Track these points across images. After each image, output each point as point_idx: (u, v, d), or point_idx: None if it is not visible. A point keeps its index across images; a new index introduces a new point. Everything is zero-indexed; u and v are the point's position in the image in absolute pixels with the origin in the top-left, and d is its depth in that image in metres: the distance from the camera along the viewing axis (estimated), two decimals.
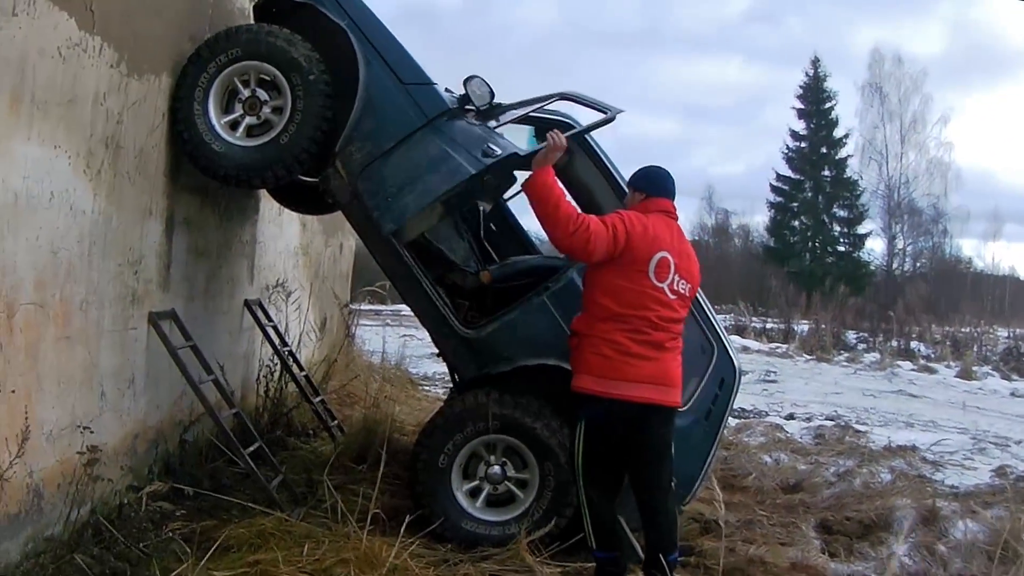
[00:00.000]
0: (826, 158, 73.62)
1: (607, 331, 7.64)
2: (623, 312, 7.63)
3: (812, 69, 74.24)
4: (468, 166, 8.12)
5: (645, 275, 7.65)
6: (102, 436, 7.31)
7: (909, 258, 78.19)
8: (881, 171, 74.76)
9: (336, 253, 16.95)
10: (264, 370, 11.71)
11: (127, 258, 7.64)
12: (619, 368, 7.60)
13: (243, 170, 8.34)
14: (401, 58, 8.75)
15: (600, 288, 7.73)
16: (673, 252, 7.80)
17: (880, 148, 74.57)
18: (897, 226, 75.54)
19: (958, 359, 36.30)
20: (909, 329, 44.03)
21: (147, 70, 7.80)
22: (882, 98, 74.64)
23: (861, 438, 16.42)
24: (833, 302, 49.62)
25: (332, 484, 8.60)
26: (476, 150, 8.18)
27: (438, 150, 8.28)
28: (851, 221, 73.88)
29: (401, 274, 9.08)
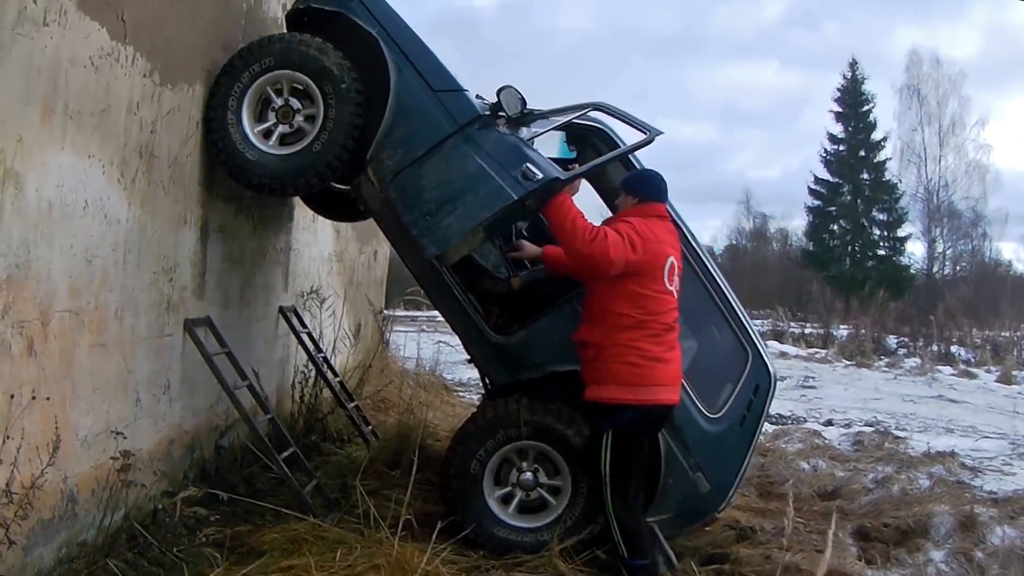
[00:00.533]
0: (864, 161, 73.24)
1: (632, 339, 7.81)
2: (644, 319, 7.84)
3: (850, 72, 74.05)
4: (510, 191, 8.04)
5: (660, 280, 7.91)
6: (137, 442, 7.36)
7: (949, 261, 77.82)
8: (920, 174, 74.38)
9: (370, 260, 17.00)
10: (299, 376, 11.75)
11: (162, 266, 7.69)
12: (647, 374, 7.78)
13: (276, 178, 8.38)
14: (432, 65, 8.75)
15: (620, 297, 7.88)
16: (675, 254, 8.11)
17: (918, 151, 74.20)
18: (937, 229, 75.15)
19: (998, 363, 36.07)
20: (949, 334, 43.70)
21: (180, 79, 7.86)
22: (920, 100, 74.34)
23: (900, 444, 16.30)
24: (873, 306, 49.08)
25: (365, 490, 8.63)
26: (515, 170, 8.10)
27: (475, 167, 8.23)
28: (890, 224, 73.48)
29: (432, 281, 9.15)
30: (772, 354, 9.74)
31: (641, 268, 7.81)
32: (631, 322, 7.83)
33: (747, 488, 9.99)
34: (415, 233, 8.22)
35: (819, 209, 74.25)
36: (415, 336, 22.04)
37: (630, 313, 7.84)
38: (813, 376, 29.07)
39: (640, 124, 9.10)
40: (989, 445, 17.57)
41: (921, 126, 74.18)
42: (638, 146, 8.97)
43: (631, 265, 7.77)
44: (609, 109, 9.29)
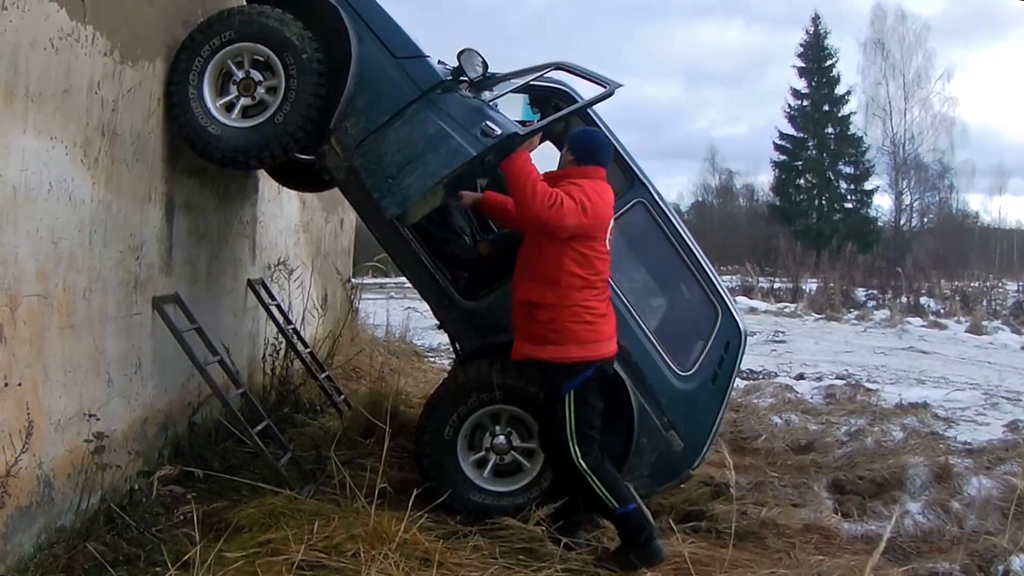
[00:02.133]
0: (829, 116, 73.73)
1: (585, 299, 7.91)
2: (593, 279, 7.92)
3: (812, 27, 74.46)
4: (469, 147, 8.01)
5: (603, 241, 7.99)
6: (111, 423, 7.36)
7: (916, 214, 78.38)
8: (885, 127, 75.06)
9: (337, 229, 16.96)
10: (269, 349, 11.76)
11: (128, 244, 7.65)
12: (599, 330, 7.93)
13: (240, 151, 8.34)
14: (392, 32, 8.69)
15: (571, 259, 7.88)
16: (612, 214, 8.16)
17: (884, 104, 74.88)
18: (903, 182, 75.67)
19: (968, 314, 36.25)
20: (918, 285, 43.89)
21: (141, 56, 7.80)
22: (885, 54, 74.97)
23: (872, 396, 16.40)
24: (841, 260, 49.26)
25: (340, 460, 8.65)
26: (475, 128, 8.08)
27: (436, 127, 8.20)
28: (857, 178, 73.94)
29: (399, 248, 9.14)
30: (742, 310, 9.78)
31: (589, 232, 7.86)
32: (583, 283, 7.88)
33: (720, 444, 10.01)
34: (376, 196, 8.20)
35: (785, 164, 74.65)
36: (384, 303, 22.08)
37: (581, 274, 7.87)
38: (783, 331, 29.31)
39: (600, 79, 9.08)
40: (962, 396, 17.70)
41: (886, 80, 74.91)
42: (597, 99, 8.93)
43: (581, 228, 7.80)
44: (570, 67, 9.27)
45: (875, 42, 75.19)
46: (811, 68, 73.91)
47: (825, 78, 73.85)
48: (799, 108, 74.39)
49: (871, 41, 75.35)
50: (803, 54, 74.42)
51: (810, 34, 74.31)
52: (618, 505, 7.81)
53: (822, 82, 73.84)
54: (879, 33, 75.14)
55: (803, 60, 74.34)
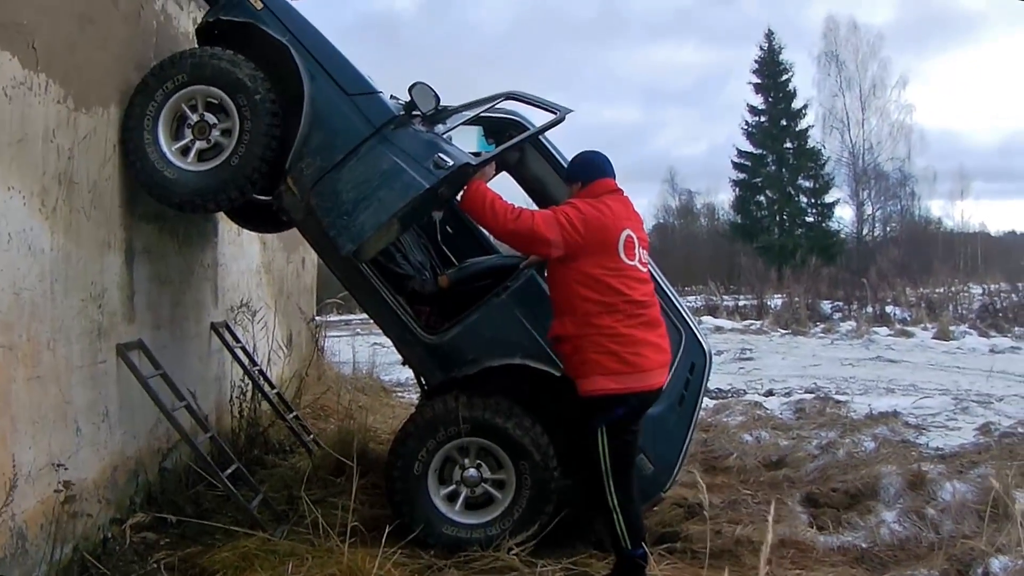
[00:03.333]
0: (787, 130, 73.78)
1: (606, 326, 7.66)
2: (612, 301, 7.66)
3: (767, 42, 74.63)
4: (422, 180, 8.04)
5: (616, 257, 7.70)
6: (81, 471, 7.31)
7: (879, 223, 78.83)
8: (844, 139, 75.72)
9: (298, 268, 16.93)
10: (236, 391, 11.67)
11: (90, 292, 7.63)
12: (631, 361, 7.64)
13: (197, 195, 8.33)
14: (344, 69, 8.73)
15: (578, 282, 7.73)
16: (632, 226, 7.91)
17: (841, 116, 75.59)
18: (864, 192, 76.22)
19: (934, 320, 36.37)
20: (883, 294, 44.04)
21: (95, 103, 7.80)
22: (839, 66, 75.74)
23: (842, 408, 16.43)
24: (805, 274, 49.52)
25: (312, 499, 8.63)
26: (427, 161, 8.11)
27: (390, 163, 8.21)
28: (817, 191, 73.98)
29: (360, 285, 9.14)
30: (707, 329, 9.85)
31: (589, 248, 7.66)
32: (600, 308, 7.66)
33: (692, 465, 10.05)
34: (332, 234, 8.19)
35: (744, 181, 74.68)
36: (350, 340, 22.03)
37: (596, 298, 7.67)
38: (750, 348, 29.13)
39: (551, 106, 9.13)
40: (931, 402, 17.74)
41: (842, 91, 75.65)
42: (547, 126, 8.99)
43: (574, 246, 7.65)
44: (521, 96, 9.33)
45: (829, 54, 75.98)
46: (767, 84, 74.09)
47: (781, 93, 73.95)
48: (756, 124, 74.46)
49: (825, 54, 76.16)
50: (758, 70, 74.55)
51: (764, 50, 74.58)
52: (631, 547, 7.77)
53: (778, 97, 73.93)
54: (832, 45, 75.91)
55: (758, 76, 74.48)
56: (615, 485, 7.70)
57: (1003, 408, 17.11)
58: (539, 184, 9.97)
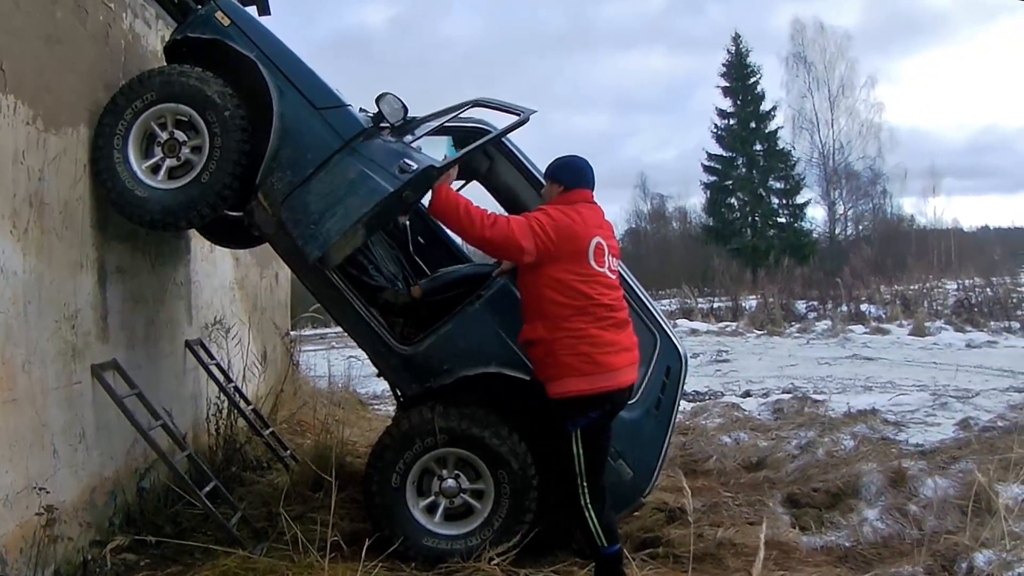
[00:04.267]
0: (756, 132, 73.98)
1: (578, 329, 7.72)
2: (582, 305, 7.73)
3: (734, 46, 74.79)
4: (386, 184, 8.05)
5: (586, 263, 7.77)
6: (59, 494, 7.29)
7: (851, 222, 79.05)
8: (813, 139, 76.10)
9: (272, 283, 16.89)
10: (212, 409, 11.64)
11: (63, 313, 7.62)
12: (602, 361, 7.70)
13: (168, 213, 8.33)
14: (312, 83, 8.73)
15: (547, 286, 7.79)
16: (603, 235, 7.99)
17: (810, 117, 76.05)
18: (835, 192, 76.46)
19: (910, 317, 36.60)
20: (858, 293, 44.28)
21: (65, 123, 7.80)
22: (807, 67, 75.99)
23: (820, 407, 16.46)
24: (779, 275, 49.73)
25: (291, 515, 8.61)
26: (392, 167, 8.13)
27: (357, 172, 8.22)
28: (788, 192, 74.25)
29: (332, 298, 9.10)
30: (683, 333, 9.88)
31: (560, 254, 7.74)
32: (571, 311, 7.74)
33: (672, 469, 10.07)
34: (300, 244, 8.19)
35: (715, 184, 74.80)
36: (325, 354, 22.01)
37: (565, 301, 7.74)
38: (726, 350, 29.18)
39: (515, 108, 9.13)
40: (910, 398, 17.79)
41: (810, 92, 75.97)
42: (511, 128, 8.96)
43: (546, 252, 7.73)
44: (487, 102, 9.33)
45: (797, 56, 76.23)
46: (735, 87, 74.25)
47: (750, 96, 74.13)
48: (726, 127, 74.60)
49: (792, 55, 76.40)
50: (726, 73, 74.72)
51: (732, 53, 74.72)
52: (606, 544, 7.80)
53: (747, 100, 74.12)
54: (800, 47, 76.20)
55: (727, 79, 74.63)
56: (588, 486, 7.75)
57: (981, 403, 17.03)
58: (510, 193, 9.99)
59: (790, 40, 77.23)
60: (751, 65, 74.42)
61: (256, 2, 13.18)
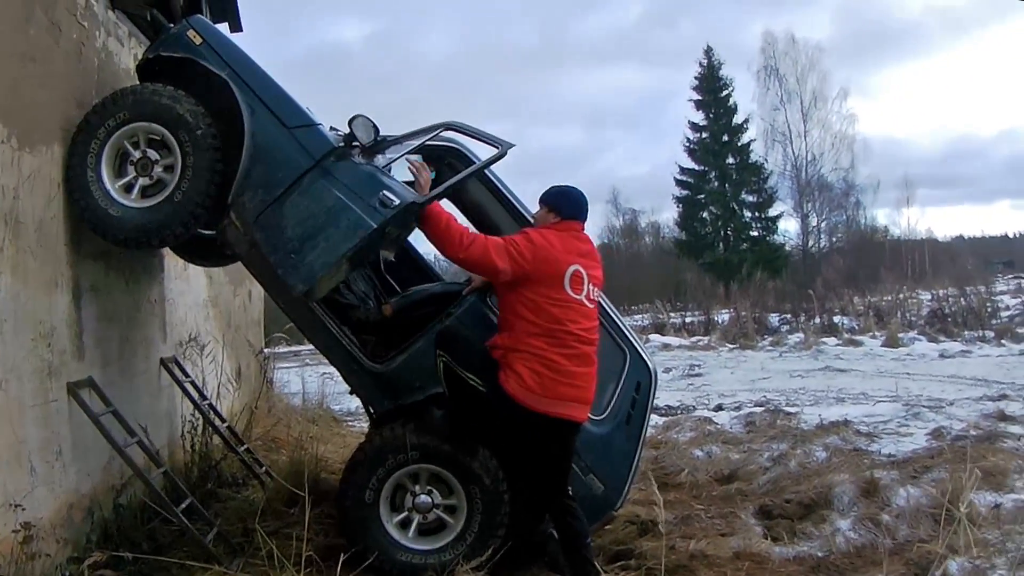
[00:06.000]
0: (728, 146, 74.18)
1: (540, 348, 7.89)
2: (550, 327, 7.90)
3: (706, 59, 75.00)
4: (369, 220, 8.09)
5: (561, 289, 7.92)
6: (37, 511, 7.30)
7: (824, 234, 79.23)
8: (786, 152, 76.33)
9: (245, 301, 16.88)
10: (187, 426, 11.68)
11: (39, 332, 7.62)
12: (550, 387, 7.85)
13: (141, 232, 8.36)
14: (283, 102, 8.75)
15: (522, 304, 7.97)
16: (584, 263, 8.10)
17: (782, 129, 76.22)
18: (808, 204, 76.58)
19: (883, 328, 36.76)
20: (831, 305, 44.36)
21: (39, 142, 7.81)
22: (779, 79, 76.28)
23: (792, 420, 16.57)
24: (751, 288, 49.78)
25: (266, 531, 8.63)
26: (372, 198, 8.15)
27: (334, 199, 8.24)
28: (761, 205, 74.47)
29: (305, 317, 9.18)
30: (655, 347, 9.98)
31: (535, 277, 7.93)
32: (537, 330, 7.92)
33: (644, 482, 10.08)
34: (280, 272, 8.21)
35: (688, 198, 74.97)
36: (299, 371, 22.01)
37: (534, 320, 7.93)
38: (699, 364, 29.17)
39: (492, 139, 9.21)
40: (882, 409, 17.92)
41: (783, 104, 76.28)
42: (491, 161, 9.08)
43: (521, 274, 7.91)
44: (460, 127, 9.39)
45: (768, 68, 76.46)
46: (707, 100, 74.43)
47: (722, 109, 74.32)
48: (698, 141, 74.73)
49: (764, 68, 76.64)
50: (698, 87, 74.94)
51: (704, 67, 74.93)
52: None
53: (719, 113, 74.30)
54: (771, 59, 76.43)
55: (699, 93, 74.84)
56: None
57: (954, 412, 17.17)
58: (477, 209, 10.04)
59: (761, 53, 77.51)
60: (723, 78, 74.74)
61: (228, 19, 13.18)
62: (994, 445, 12.85)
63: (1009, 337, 33.40)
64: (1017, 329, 35.27)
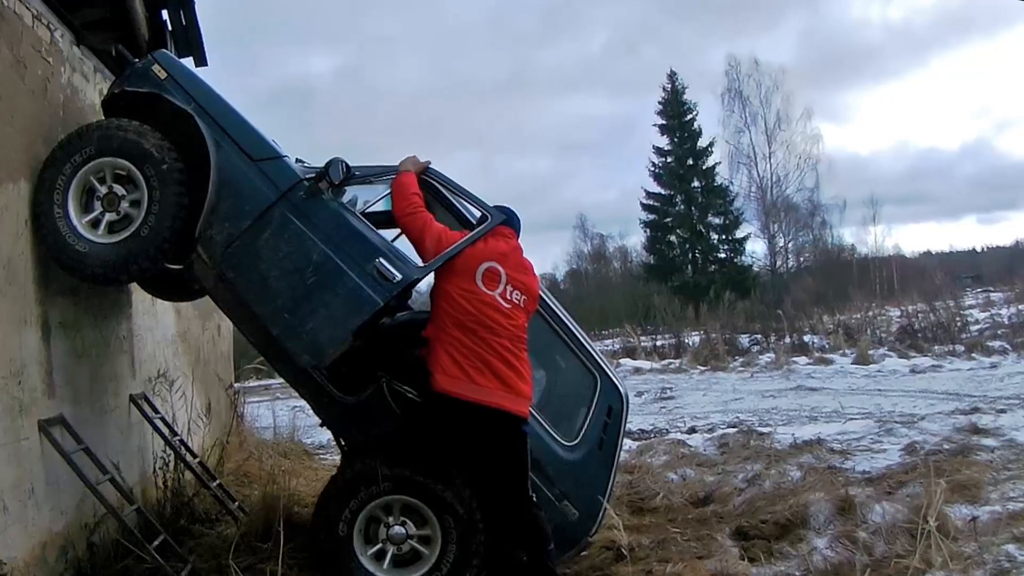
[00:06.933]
0: (694, 169, 74.65)
1: (457, 338, 8.12)
2: (462, 319, 8.16)
3: (670, 83, 75.30)
4: (374, 296, 8.24)
5: (473, 282, 8.21)
6: (11, 551, 7.25)
7: (792, 254, 79.23)
8: (751, 173, 76.23)
9: (214, 335, 16.83)
10: (159, 462, 11.58)
11: (9, 370, 7.57)
12: (473, 375, 8.09)
13: (109, 267, 8.34)
14: (249, 136, 8.80)
15: (441, 296, 8.29)
16: (504, 264, 8.37)
17: (747, 151, 76.04)
18: (775, 225, 76.57)
19: (853, 346, 36.83)
20: (800, 324, 44.47)
21: (5, 178, 7.79)
22: (743, 101, 76.27)
23: (765, 440, 16.67)
24: (720, 310, 50.01)
25: (240, 566, 8.62)
26: (367, 264, 8.28)
27: (320, 255, 8.32)
28: (727, 227, 74.78)
29: (275, 352, 9.12)
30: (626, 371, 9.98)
31: (450, 266, 8.33)
32: (453, 321, 8.20)
33: (619, 507, 10.09)
34: (276, 333, 8.30)
35: (655, 222, 75.29)
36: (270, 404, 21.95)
37: (450, 311, 8.25)
38: (670, 387, 29.20)
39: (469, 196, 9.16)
40: (855, 426, 18.13)
41: (747, 126, 76.27)
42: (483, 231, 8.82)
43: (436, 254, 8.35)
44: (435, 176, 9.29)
45: (732, 91, 76.44)
46: (672, 124, 74.78)
47: (687, 132, 74.68)
48: (664, 165, 75.06)
49: (728, 91, 76.58)
50: (663, 111, 75.24)
51: (668, 91, 75.27)
52: None
53: (684, 137, 74.64)
54: (735, 82, 76.44)
55: (663, 117, 75.19)
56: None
57: (927, 426, 17.34)
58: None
59: (725, 76, 77.50)
60: (687, 102, 75.16)
61: (193, 54, 13.15)
62: (967, 458, 12.94)
63: (979, 350, 33.69)
64: (987, 343, 35.52)
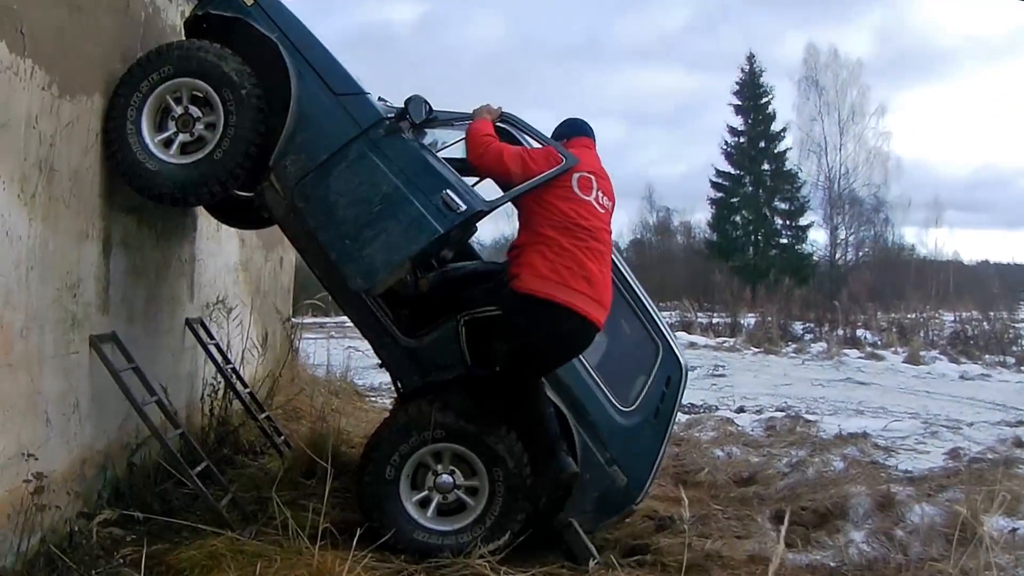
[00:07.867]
0: (765, 152, 73.67)
1: (552, 238, 8.15)
2: (558, 219, 8.19)
3: (748, 65, 74.46)
4: (436, 224, 8.07)
5: (570, 188, 8.27)
6: (49, 463, 7.20)
7: (852, 248, 78.54)
8: (820, 163, 75.20)
9: (276, 267, 16.84)
10: (208, 389, 11.60)
11: (65, 282, 7.54)
12: (563, 274, 8.10)
13: (178, 188, 8.28)
14: (333, 69, 8.69)
15: (535, 202, 8.31)
16: (593, 173, 8.51)
17: (819, 140, 75.05)
18: (838, 216, 75.87)
19: (905, 345, 36.55)
20: (854, 318, 44.19)
21: (79, 91, 7.73)
22: (819, 91, 75.16)
23: (812, 428, 16.57)
24: (778, 294, 49.63)
25: (282, 500, 8.51)
26: (434, 195, 8.12)
27: (390, 186, 8.18)
28: (792, 213, 73.97)
29: (340, 286, 8.99)
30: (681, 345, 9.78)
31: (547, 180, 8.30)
32: (547, 223, 8.23)
33: (664, 478, 10.02)
34: (335, 257, 8.20)
35: (722, 201, 74.51)
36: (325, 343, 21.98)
37: (546, 215, 8.27)
38: (723, 365, 29.29)
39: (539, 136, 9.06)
40: (901, 425, 17.88)
41: (821, 116, 75.06)
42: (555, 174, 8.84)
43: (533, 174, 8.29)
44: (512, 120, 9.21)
45: (809, 79, 75.57)
46: (747, 106, 73.93)
47: (761, 115, 73.86)
48: (736, 145, 74.38)
49: (805, 79, 75.70)
50: (739, 92, 74.47)
51: (746, 72, 74.47)
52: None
53: (758, 119, 73.84)
54: (813, 71, 75.54)
55: (739, 98, 74.31)
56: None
57: (972, 434, 17.14)
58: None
59: (803, 64, 76.66)
60: (764, 85, 74.23)
61: None
62: (1010, 470, 12.74)
63: None
64: None
